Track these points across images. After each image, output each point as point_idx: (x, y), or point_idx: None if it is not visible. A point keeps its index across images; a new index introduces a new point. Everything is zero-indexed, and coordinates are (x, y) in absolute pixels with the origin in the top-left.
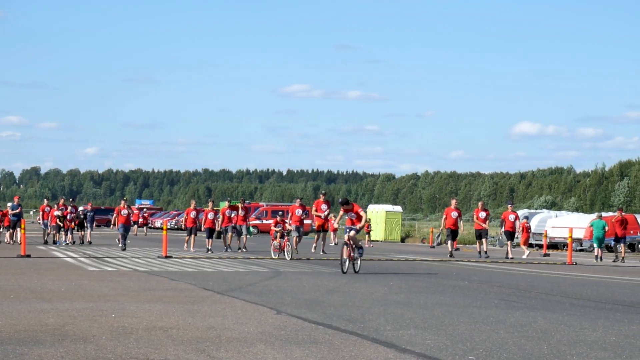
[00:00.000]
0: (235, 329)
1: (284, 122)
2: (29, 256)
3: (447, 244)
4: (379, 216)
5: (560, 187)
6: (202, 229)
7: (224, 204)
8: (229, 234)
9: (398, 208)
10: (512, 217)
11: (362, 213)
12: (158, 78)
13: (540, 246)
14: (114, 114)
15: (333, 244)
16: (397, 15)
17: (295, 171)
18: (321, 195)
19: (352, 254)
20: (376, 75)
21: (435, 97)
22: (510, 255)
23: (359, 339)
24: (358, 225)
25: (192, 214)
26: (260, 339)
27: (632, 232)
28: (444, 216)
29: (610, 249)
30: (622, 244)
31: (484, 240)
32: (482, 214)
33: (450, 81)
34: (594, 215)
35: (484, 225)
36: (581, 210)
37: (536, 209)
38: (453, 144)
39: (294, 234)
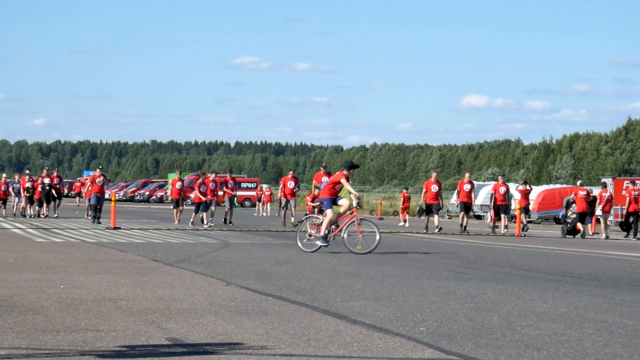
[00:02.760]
0: (184, 300)
1: (232, 94)
2: None
3: (423, 217)
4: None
5: (507, 159)
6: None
7: (174, 176)
8: (213, 207)
9: None
10: (502, 189)
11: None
12: (106, 50)
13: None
14: (62, 85)
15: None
16: None
17: (244, 143)
18: (322, 168)
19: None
20: (325, 48)
21: (384, 69)
22: (502, 231)
23: (309, 310)
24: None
25: (178, 185)
26: (210, 310)
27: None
28: (424, 189)
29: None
30: (523, 214)
31: (463, 213)
32: (467, 187)
33: (399, 53)
34: (544, 187)
35: (468, 199)
36: (529, 183)
37: (484, 181)
38: (401, 116)
39: (290, 206)
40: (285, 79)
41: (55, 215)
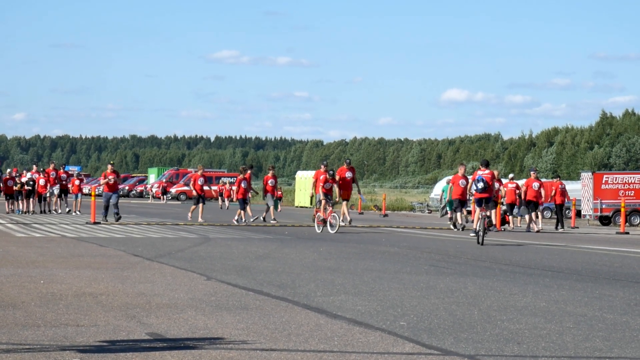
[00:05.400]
0: (165, 295)
1: (212, 88)
2: None
3: (455, 214)
4: (308, 182)
5: (487, 154)
6: (235, 199)
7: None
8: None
9: None
10: (536, 185)
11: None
12: (86, 43)
13: (469, 212)
14: (41, 79)
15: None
16: None
17: (224, 137)
18: (345, 163)
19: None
20: (305, 42)
21: (365, 63)
22: (536, 228)
23: (289, 305)
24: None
25: (200, 181)
26: (190, 305)
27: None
28: (450, 185)
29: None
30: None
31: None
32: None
33: (380, 47)
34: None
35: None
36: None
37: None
38: (382, 110)
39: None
40: (265, 73)
41: (68, 211)
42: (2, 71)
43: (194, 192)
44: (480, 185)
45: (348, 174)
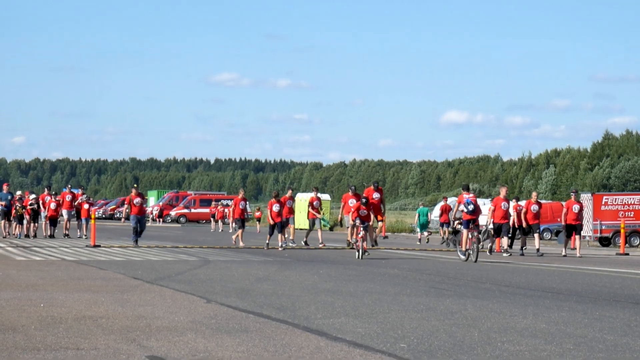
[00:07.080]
0: (165, 318)
1: (212, 111)
2: None
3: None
4: (307, 204)
5: (487, 175)
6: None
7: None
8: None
9: (326, 196)
10: (576, 207)
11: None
12: (86, 67)
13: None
14: (41, 102)
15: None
16: (326, 2)
17: (223, 160)
18: (372, 185)
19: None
20: (305, 64)
21: (365, 85)
22: (578, 254)
23: (289, 328)
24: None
25: (242, 205)
26: (190, 327)
27: (558, 219)
28: (492, 207)
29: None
30: (445, 228)
31: (536, 235)
32: (535, 207)
33: (380, 70)
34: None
35: (536, 220)
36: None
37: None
38: (382, 132)
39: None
40: (265, 96)
41: (85, 237)
42: (2, 94)
43: (233, 216)
44: (471, 207)
45: (376, 195)
